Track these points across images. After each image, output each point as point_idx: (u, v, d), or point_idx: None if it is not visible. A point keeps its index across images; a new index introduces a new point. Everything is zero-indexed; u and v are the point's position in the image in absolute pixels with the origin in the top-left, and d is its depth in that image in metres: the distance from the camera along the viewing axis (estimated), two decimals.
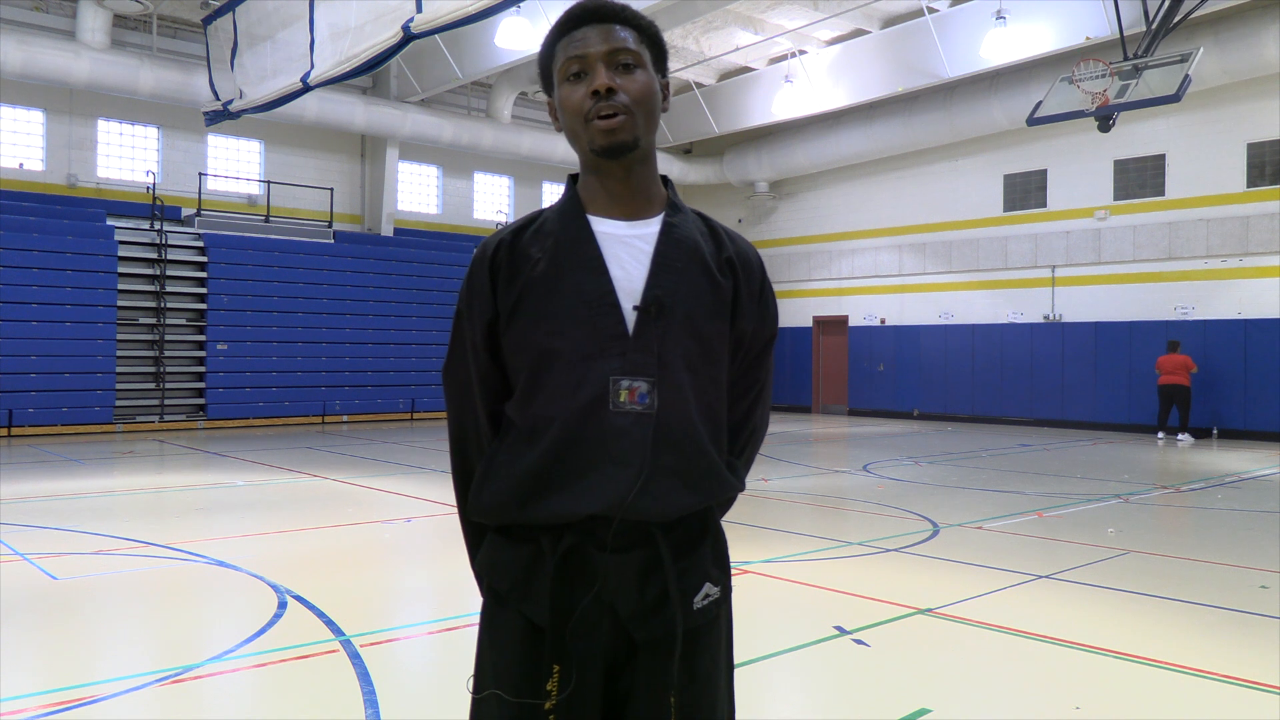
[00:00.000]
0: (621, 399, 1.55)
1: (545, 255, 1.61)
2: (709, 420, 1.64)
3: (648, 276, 1.60)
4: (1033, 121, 13.10)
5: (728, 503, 1.74)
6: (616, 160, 1.61)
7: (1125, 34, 12.92)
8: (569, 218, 1.64)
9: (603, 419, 1.56)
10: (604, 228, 1.63)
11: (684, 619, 1.58)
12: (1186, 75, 11.65)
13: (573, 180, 1.72)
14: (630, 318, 1.58)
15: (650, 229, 1.64)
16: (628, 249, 1.62)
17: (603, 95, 1.57)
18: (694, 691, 1.61)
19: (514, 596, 1.60)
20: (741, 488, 1.72)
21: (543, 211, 1.69)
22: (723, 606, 1.67)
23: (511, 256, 1.63)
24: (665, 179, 1.73)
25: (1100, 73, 12.32)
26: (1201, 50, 12.38)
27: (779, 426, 17.97)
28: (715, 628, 1.67)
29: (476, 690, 1.63)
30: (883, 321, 20.74)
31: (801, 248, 22.29)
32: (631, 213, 1.65)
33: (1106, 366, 17.21)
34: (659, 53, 1.68)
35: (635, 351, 1.56)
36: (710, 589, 1.63)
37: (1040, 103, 13.01)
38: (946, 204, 19.73)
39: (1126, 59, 12.41)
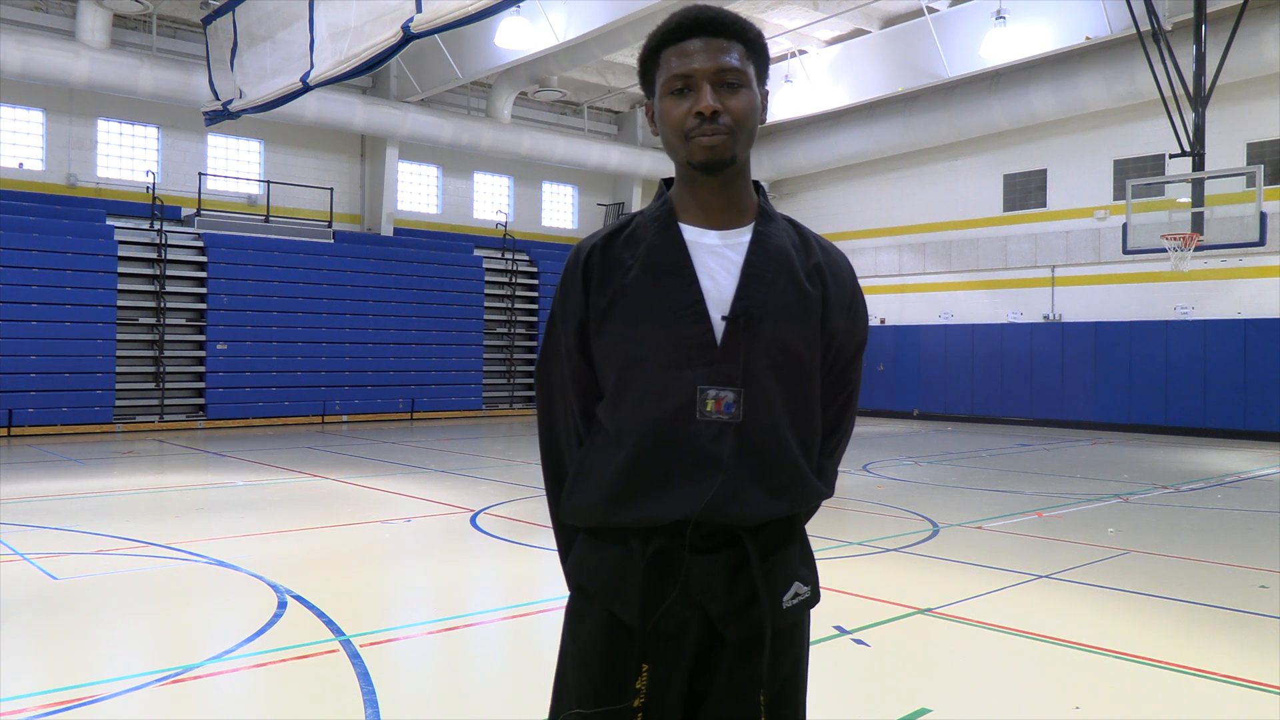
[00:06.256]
0: (708, 408, 1.58)
1: (637, 262, 1.62)
2: (800, 429, 1.65)
3: (737, 287, 1.61)
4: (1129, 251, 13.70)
5: (813, 509, 1.76)
6: (714, 175, 1.62)
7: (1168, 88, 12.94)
8: (662, 226, 1.65)
9: (689, 427, 1.58)
10: (696, 237, 1.64)
11: (773, 618, 1.60)
12: (1263, 213, 12.20)
13: (666, 185, 1.72)
14: (719, 328, 1.59)
15: (741, 239, 1.65)
16: (718, 259, 1.63)
17: (707, 118, 1.57)
18: (780, 691, 1.64)
19: (603, 596, 1.62)
20: (829, 493, 1.73)
21: (635, 216, 1.70)
22: (811, 606, 1.70)
23: (604, 261, 1.65)
24: (758, 185, 1.72)
25: (1179, 246, 12.66)
26: (1263, 167, 12.72)
27: None
28: (800, 629, 1.69)
29: (556, 695, 1.68)
30: (882, 321, 20.74)
31: None
32: (723, 223, 1.65)
33: (1106, 366, 17.20)
34: (763, 64, 1.67)
35: (722, 361, 1.58)
36: (800, 588, 1.65)
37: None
38: (946, 204, 19.73)
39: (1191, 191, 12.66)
